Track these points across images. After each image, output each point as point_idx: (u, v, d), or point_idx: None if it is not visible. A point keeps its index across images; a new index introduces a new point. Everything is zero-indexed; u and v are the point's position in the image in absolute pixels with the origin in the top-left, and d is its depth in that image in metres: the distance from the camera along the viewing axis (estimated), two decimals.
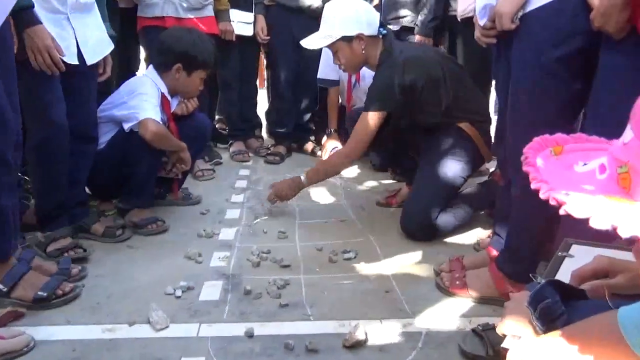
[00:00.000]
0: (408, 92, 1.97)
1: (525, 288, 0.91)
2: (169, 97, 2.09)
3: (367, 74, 2.92)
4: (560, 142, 0.63)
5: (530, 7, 1.23)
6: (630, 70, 1.05)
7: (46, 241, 1.74)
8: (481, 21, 1.38)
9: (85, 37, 1.73)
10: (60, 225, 1.79)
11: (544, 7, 1.21)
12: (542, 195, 0.51)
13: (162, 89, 2.07)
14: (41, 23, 1.55)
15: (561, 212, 0.48)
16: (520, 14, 1.25)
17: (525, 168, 0.58)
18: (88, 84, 1.82)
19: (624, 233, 0.43)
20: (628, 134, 0.50)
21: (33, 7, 1.52)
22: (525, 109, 1.29)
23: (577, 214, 0.46)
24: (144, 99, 1.96)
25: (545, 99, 1.24)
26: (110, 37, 1.87)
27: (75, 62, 1.68)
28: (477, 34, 1.43)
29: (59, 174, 1.75)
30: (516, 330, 0.80)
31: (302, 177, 2.14)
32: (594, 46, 1.14)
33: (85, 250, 1.75)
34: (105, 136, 2.02)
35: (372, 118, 1.99)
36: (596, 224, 0.44)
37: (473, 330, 1.31)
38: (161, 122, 1.98)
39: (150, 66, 2.13)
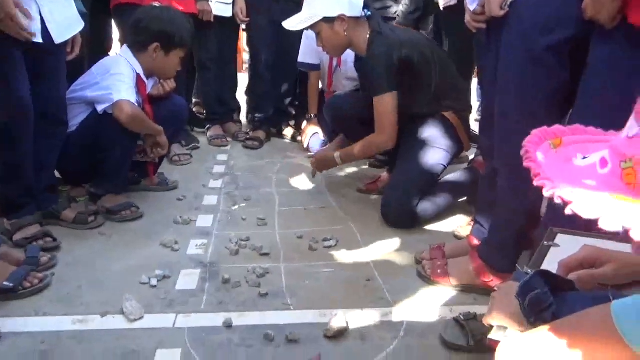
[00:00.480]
0: (405, 67, 1.94)
1: (512, 278, 0.90)
2: (144, 78, 2.01)
3: (350, 59, 2.87)
4: (558, 134, 0.61)
5: None
6: (621, 61, 1.04)
7: (13, 229, 1.66)
8: (471, 6, 1.36)
9: (52, 14, 1.62)
10: (27, 212, 1.70)
11: None
12: (546, 194, 0.48)
13: (138, 69, 1.98)
14: None
15: (567, 211, 0.46)
16: (510, 0, 1.22)
17: (526, 164, 0.55)
18: (56, 64, 1.72)
19: (637, 235, 0.41)
20: (633, 128, 0.47)
21: None
22: (513, 98, 1.27)
23: (585, 214, 0.44)
24: (118, 80, 1.88)
25: (534, 88, 1.22)
26: (81, 14, 1.77)
27: (40, 40, 1.58)
28: (467, 18, 1.40)
29: (24, 158, 1.66)
30: (504, 321, 0.79)
31: (336, 155, 2.14)
32: (584, 34, 1.13)
33: (55, 240, 1.68)
34: (76, 118, 1.93)
35: (388, 99, 1.94)
36: (606, 225, 0.42)
37: (455, 319, 1.30)
38: (136, 104, 1.91)
39: (124, 46, 2.04)
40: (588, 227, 0.91)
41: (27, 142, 1.65)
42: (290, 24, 2.09)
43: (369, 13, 2.04)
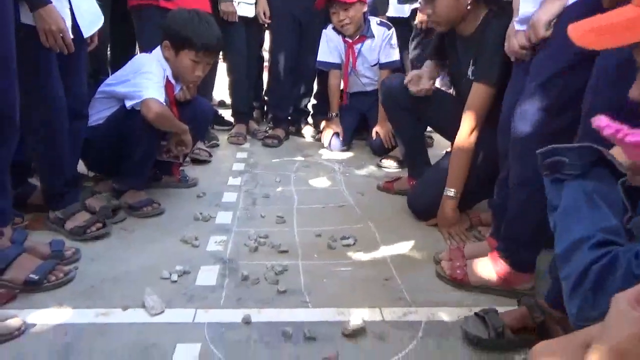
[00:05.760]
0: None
1: None
2: (172, 81, 2.03)
3: (366, 60, 2.89)
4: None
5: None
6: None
7: (65, 217, 1.73)
8: (522, 26, 1.39)
9: (81, 10, 1.66)
10: (70, 201, 1.76)
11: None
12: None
13: (167, 71, 2.01)
14: (51, 2, 1.49)
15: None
16: (554, 21, 1.27)
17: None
18: (80, 59, 1.75)
19: None
20: None
21: None
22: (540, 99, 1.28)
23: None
24: (147, 78, 1.90)
25: (561, 88, 1.25)
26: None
27: (71, 36, 1.61)
28: (513, 45, 1.42)
29: (63, 151, 1.71)
30: None
31: (451, 193, 1.84)
32: None
33: (105, 225, 1.75)
34: (104, 112, 1.97)
35: (490, 92, 1.73)
36: None
37: (475, 314, 1.29)
38: (164, 103, 1.93)
39: (159, 46, 2.06)
40: None
41: (64, 136, 1.70)
42: None
43: None
